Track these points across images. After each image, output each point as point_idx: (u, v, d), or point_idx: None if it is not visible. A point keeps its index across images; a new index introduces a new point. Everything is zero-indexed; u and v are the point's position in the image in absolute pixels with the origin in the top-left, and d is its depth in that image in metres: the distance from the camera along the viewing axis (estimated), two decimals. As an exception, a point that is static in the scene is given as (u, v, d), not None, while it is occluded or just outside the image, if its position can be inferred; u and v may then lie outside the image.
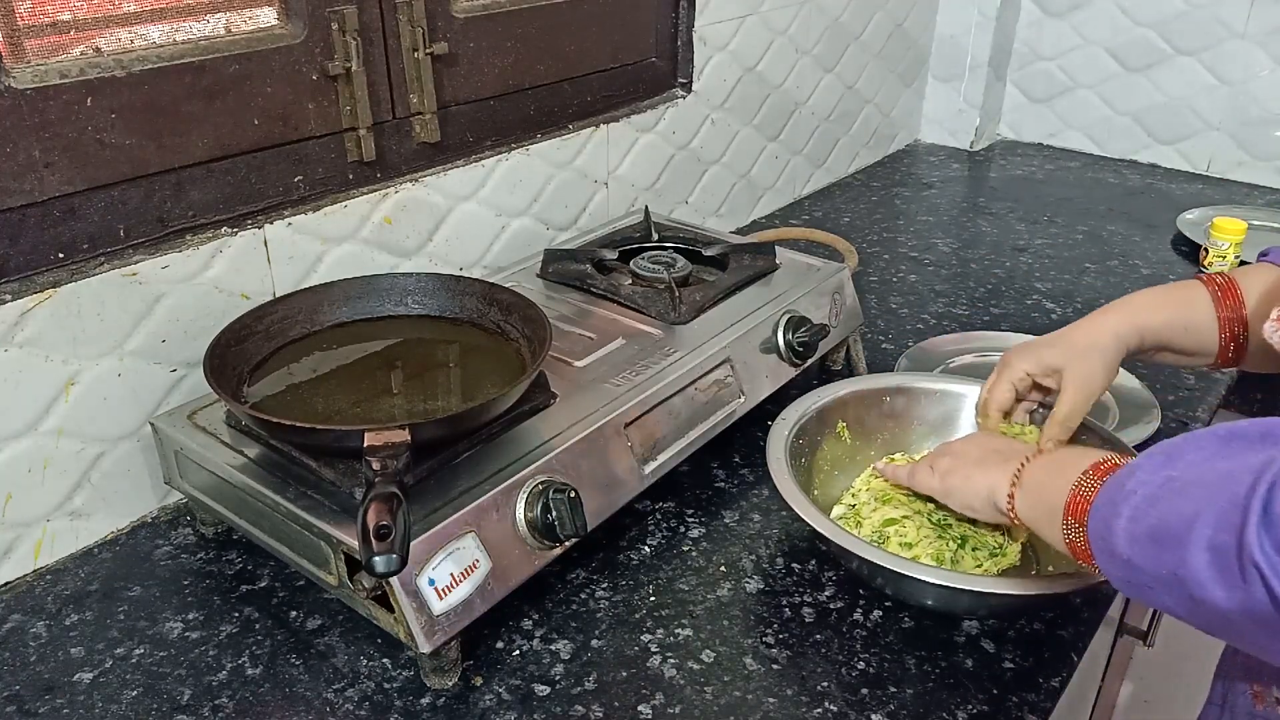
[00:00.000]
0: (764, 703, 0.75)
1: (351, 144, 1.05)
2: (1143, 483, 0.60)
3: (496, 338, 0.94)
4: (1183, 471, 0.58)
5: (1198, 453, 0.59)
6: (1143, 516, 0.59)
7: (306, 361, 0.90)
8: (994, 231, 1.68)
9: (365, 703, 0.75)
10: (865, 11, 1.79)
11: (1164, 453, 0.61)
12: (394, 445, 0.71)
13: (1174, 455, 0.60)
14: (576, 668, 0.78)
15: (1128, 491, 0.61)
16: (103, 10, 0.87)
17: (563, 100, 1.29)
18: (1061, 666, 0.79)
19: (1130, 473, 0.62)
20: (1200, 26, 1.86)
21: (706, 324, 1.03)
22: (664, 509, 0.96)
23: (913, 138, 2.15)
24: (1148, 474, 0.60)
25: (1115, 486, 0.63)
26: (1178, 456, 0.60)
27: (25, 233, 0.84)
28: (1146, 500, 0.59)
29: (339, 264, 1.05)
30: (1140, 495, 0.60)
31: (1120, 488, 0.62)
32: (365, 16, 1.01)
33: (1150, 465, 0.61)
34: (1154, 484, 0.59)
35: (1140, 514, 0.59)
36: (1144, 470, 0.61)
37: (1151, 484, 0.60)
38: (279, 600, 0.85)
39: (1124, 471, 0.63)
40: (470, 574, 0.75)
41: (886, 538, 0.88)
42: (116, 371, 0.90)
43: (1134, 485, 0.61)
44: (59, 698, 0.76)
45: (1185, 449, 0.60)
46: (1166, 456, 0.61)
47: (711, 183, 1.56)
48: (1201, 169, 1.95)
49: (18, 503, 0.86)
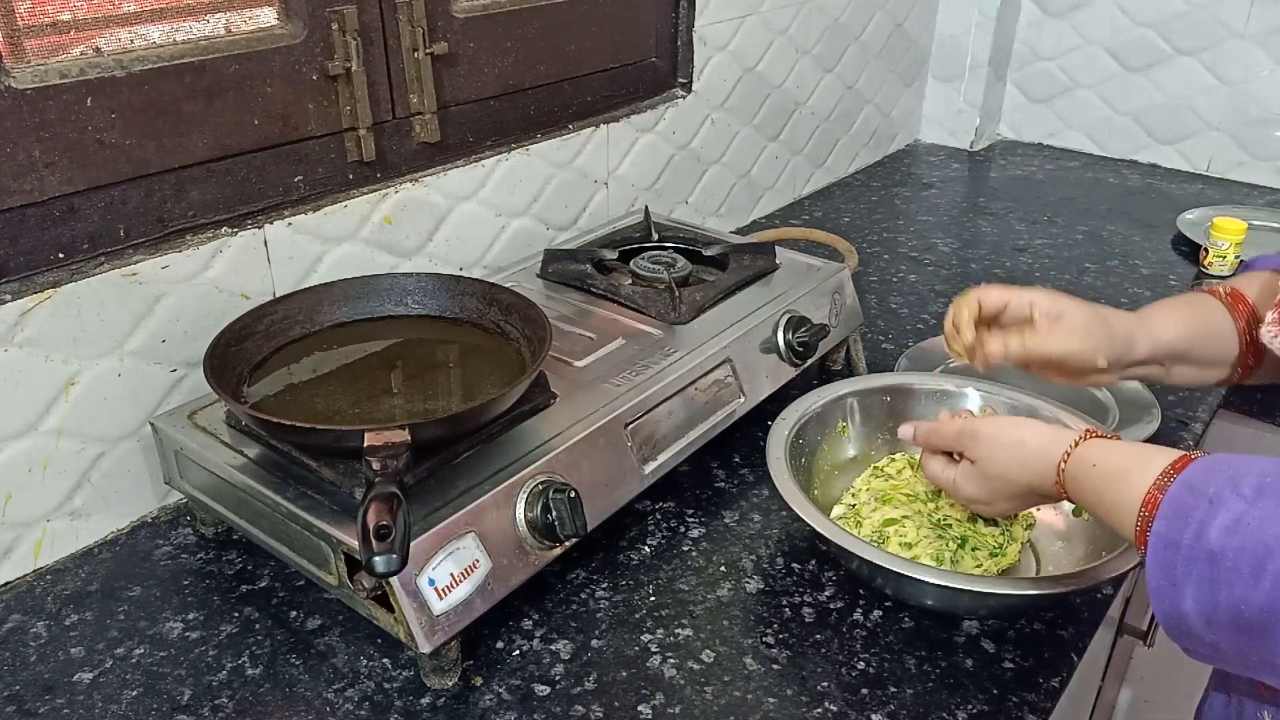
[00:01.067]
0: (764, 703, 0.75)
1: (351, 144, 1.05)
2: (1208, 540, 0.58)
3: (496, 338, 0.94)
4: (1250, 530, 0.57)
5: (1263, 505, 0.57)
6: (1213, 599, 0.58)
7: (306, 361, 0.90)
8: (994, 231, 1.68)
9: (365, 703, 0.75)
10: (865, 11, 1.79)
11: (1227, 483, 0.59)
12: (394, 445, 0.71)
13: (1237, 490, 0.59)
14: (576, 668, 0.78)
15: (1189, 553, 0.59)
16: (103, 10, 0.87)
17: (563, 100, 1.29)
18: (1061, 666, 0.79)
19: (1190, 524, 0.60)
20: (1200, 26, 1.86)
21: (706, 324, 1.03)
22: (664, 509, 0.96)
23: (913, 138, 2.15)
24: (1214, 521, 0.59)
25: (1177, 529, 0.61)
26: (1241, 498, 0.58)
27: (25, 233, 0.84)
28: (1213, 575, 0.58)
29: (339, 264, 1.05)
30: (1204, 563, 0.58)
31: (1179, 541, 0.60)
32: (365, 16, 1.01)
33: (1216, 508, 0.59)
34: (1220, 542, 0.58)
35: (1209, 596, 0.58)
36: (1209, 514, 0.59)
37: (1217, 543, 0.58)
38: (279, 600, 0.85)
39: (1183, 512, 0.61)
40: (470, 574, 0.75)
41: (886, 538, 0.88)
42: (116, 371, 0.90)
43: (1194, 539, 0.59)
44: (59, 698, 0.76)
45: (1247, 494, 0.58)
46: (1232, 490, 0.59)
47: (711, 183, 1.56)
48: (1201, 169, 1.95)
49: (18, 503, 0.86)
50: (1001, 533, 0.89)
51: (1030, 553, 0.91)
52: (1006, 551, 0.87)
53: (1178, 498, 0.62)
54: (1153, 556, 0.62)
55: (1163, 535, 0.61)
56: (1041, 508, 0.94)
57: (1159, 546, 0.61)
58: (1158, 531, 0.62)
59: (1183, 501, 0.61)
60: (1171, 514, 0.61)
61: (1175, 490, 0.62)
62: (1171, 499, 0.62)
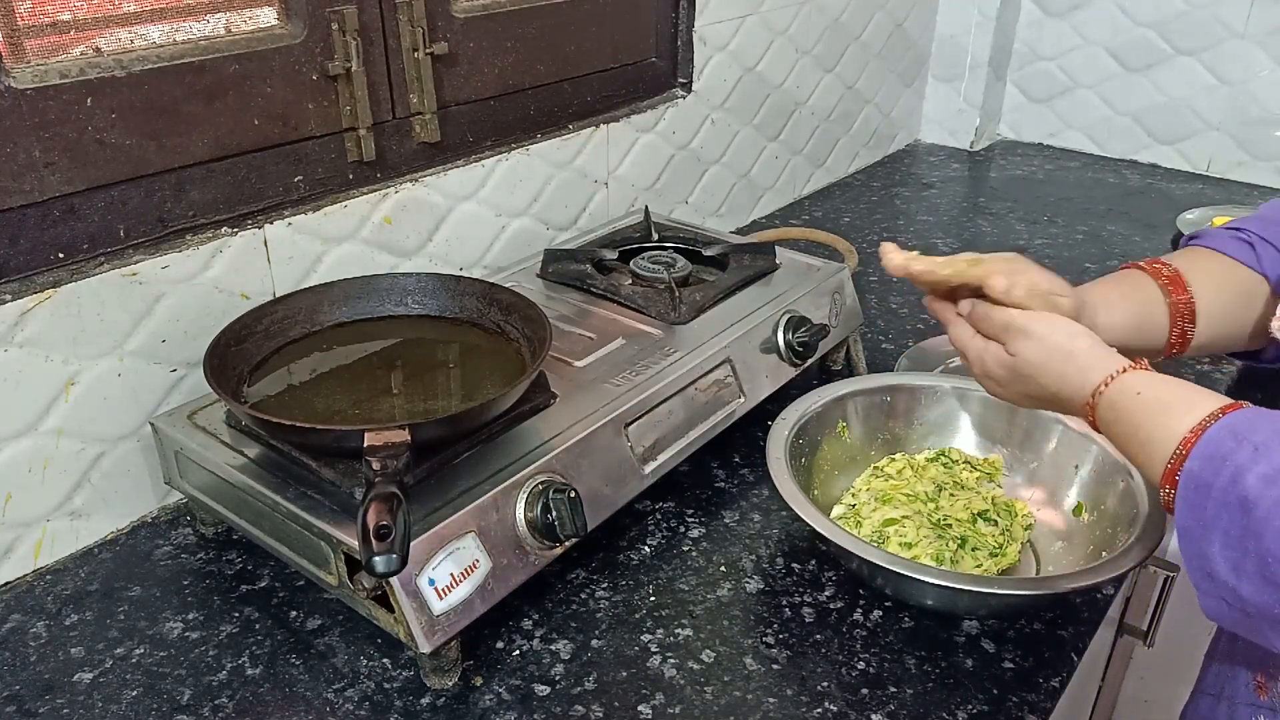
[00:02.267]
0: (764, 703, 0.75)
1: (351, 144, 1.05)
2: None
3: (496, 338, 0.94)
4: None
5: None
6: (1242, 547, 0.57)
7: (306, 361, 0.90)
8: (994, 231, 1.68)
9: (365, 703, 0.75)
10: (865, 11, 1.79)
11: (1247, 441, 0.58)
12: (394, 445, 0.71)
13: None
14: (576, 668, 0.78)
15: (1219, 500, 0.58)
16: (103, 10, 0.87)
17: (563, 100, 1.29)
18: (1061, 666, 0.79)
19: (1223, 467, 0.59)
20: (1200, 26, 1.85)
21: (706, 324, 1.03)
22: (664, 509, 0.96)
23: (913, 138, 2.15)
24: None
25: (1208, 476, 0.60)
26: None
27: (25, 233, 0.84)
28: (1245, 523, 0.57)
29: (339, 264, 1.05)
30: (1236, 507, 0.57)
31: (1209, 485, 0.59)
32: (365, 16, 1.01)
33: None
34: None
35: (1238, 543, 0.57)
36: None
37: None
38: (279, 600, 0.85)
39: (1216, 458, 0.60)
40: (470, 574, 0.75)
41: (886, 538, 0.88)
42: (116, 371, 0.90)
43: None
44: (59, 698, 0.76)
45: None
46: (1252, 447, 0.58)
47: (711, 183, 1.56)
48: (1201, 169, 1.95)
49: (18, 503, 0.86)
50: (1001, 533, 0.89)
51: (1030, 553, 0.91)
52: (1006, 551, 0.88)
53: (1218, 439, 0.60)
54: (1183, 495, 0.60)
55: (1195, 475, 0.60)
56: (1041, 507, 0.95)
57: (1190, 486, 0.60)
58: (1190, 470, 0.60)
59: (1223, 444, 0.60)
60: (1207, 455, 0.60)
61: (1216, 431, 0.61)
62: (1210, 439, 0.60)
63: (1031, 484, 0.97)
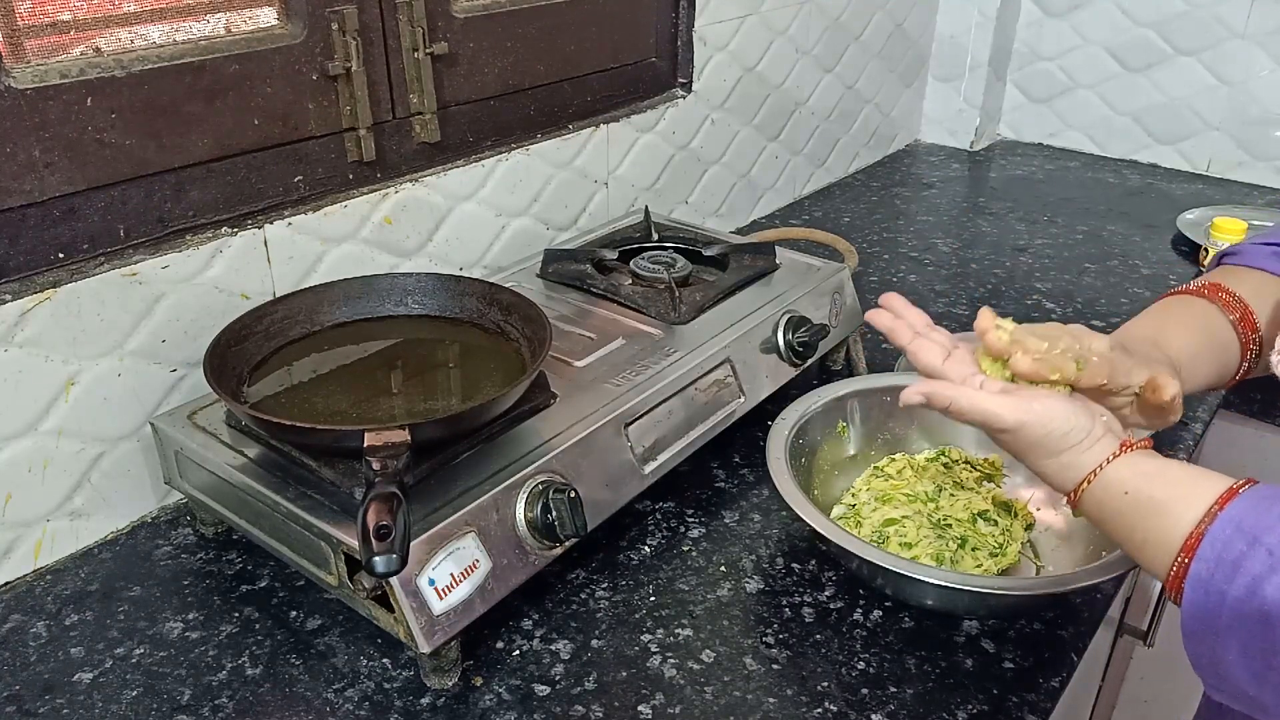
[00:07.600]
0: (764, 703, 0.75)
1: (351, 144, 1.05)
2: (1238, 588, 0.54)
3: (496, 338, 0.94)
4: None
5: None
6: (1265, 664, 0.54)
7: (306, 361, 0.90)
8: (994, 231, 1.68)
9: (365, 703, 0.75)
10: (865, 11, 1.79)
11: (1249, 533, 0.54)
12: (394, 445, 0.71)
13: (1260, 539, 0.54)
14: (576, 668, 0.78)
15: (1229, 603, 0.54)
16: (103, 10, 0.87)
17: (563, 100, 1.29)
18: (1061, 666, 0.79)
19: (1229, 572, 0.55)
20: (1200, 26, 1.86)
21: (706, 324, 1.03)
22: (664, 509, 0.96)
23: (913, 138, 2.15)
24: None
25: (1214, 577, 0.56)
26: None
27: (25, 233, 0.84)
28: (1266, 637, 0.53)
29: (339, 264, 1.05)
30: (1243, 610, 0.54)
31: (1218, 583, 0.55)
32: (365, 16, 1.01)
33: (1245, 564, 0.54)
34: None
35: (1261, 660, 0.54)
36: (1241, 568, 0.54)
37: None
38: (279, 600, 0.85)
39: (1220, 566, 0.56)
40: (470, 574, 0.75)
41: (886, 538, 0.88)
42: (116, 371, 0.90)
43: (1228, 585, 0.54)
44: (59, 698, 0.76)
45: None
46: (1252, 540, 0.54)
47: (711, 183, 1.56)
48: (1201, 169, 1.95)
49: (18, 503, 0.86)
50: (1001, 533, 0.89)
51: (1030, 553, 0.91)
52: (1006, 551, 0.88)
53: (1224, 538, 0.56)
54: (1191, 600, 0.56)
55: (1204, 580, 0.56)
56: (1041, 508, 0.95)
57: (1199, 591, 0.56)
58: (1197, 575, 0.56)
59: (1231, 546, 0.55)
60: (1216, 558, 0.56)
61: (1221, 528, 0.56)
62: (1216, 538, 0.56)
63: (1031, 484, 0.96)
